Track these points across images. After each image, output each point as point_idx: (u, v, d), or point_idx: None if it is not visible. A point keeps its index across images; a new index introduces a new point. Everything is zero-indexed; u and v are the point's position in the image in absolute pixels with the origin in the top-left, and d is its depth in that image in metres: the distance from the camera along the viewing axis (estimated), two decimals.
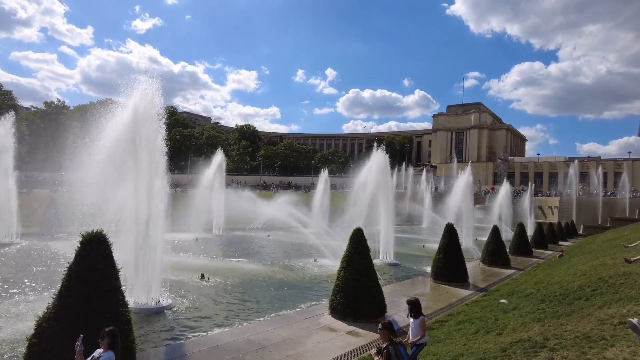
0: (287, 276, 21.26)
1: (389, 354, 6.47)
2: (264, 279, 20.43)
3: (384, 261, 25.43)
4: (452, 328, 12.60)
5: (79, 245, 7.25)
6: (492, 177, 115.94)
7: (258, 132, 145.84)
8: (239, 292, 17.75)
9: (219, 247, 31.55)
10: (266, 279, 20.48)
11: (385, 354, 6.45)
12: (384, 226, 26.27)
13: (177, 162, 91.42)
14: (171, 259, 18.85)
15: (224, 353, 10.39)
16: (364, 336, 12.23)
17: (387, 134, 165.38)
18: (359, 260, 13.73)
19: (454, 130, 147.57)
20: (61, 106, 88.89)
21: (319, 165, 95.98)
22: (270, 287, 19.00)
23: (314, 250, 27.86)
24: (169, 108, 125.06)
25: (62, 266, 8.03)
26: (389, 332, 6.69)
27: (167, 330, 12.64)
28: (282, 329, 12.60)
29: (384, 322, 6.84)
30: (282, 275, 21.55)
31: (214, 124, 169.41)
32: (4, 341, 10.64)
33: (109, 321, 6.85)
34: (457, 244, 20.92)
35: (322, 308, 14.68)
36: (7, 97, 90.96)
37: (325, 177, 51.26)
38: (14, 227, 29.40)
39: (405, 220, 56.76)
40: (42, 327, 6.83)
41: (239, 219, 42.14)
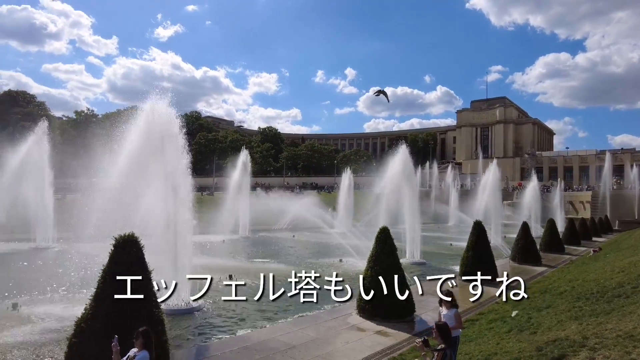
0: (313, 275, 21.22)
1: (445, 354, 6.37)
2: (290, 278, 20.44)
3: (411, 260, 25.14)
4: (483, 327, 12.35)
5: (112, 248, 7.47)
6: (519, 173, 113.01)
7: (280, 134, 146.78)
8: (266, 291, 17.81)
9: (245, 248, 31.93)
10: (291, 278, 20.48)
11: (441, 354, 6.34)
12: (409, 225, 25.98)
13: (203, 165, 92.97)
14: (200, 261, 19.16)
15: (254, 353, 10.48)
16: (393, 336, 12.11)
17: (409, 132, 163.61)
18: (386, 259, 13.61)
19: (479, 126, 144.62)
20: (90, 114, 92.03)
21: (341, 165, 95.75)
22: (297, 285, 18.99)
23: (339, 249, 27.82)
24: (193, 113, 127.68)
25: (96, 268, 8.27)
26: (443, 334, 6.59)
27: (197, 330, 12.88)
28: (310, 328, 12.62)
29: (439, 324, 6.74)
30: (308, 274, 21.54)
31: (237, 127, 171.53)
32: (45, 341, 11.07)
33: (142, 322, 7.00)
34: (486, 241, 20.48)
35: (350, 308, 14.60)
36: (41, 108, 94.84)
37: (349, 177, 51.12)
38: (51, 232, 30.64)
39: (431, 218, 55.97)
40: (80, 327, 7.07)
41: (264, 220, 42.54)
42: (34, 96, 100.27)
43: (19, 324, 12.65)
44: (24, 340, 11.26)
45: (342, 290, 17.53)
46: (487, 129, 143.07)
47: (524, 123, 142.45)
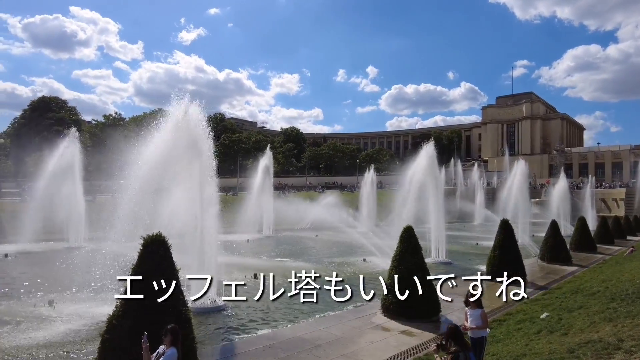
0: (337, 274, 21.23)
1: (457, 356, 6.29)
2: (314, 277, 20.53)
3: (436, 260, 24.82)
4: (511, 327, 12.09)
5: (141, 248, 7.68)
6: (547, 170, 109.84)
7: (302, 134, 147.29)
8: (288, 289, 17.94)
9: (269, 247, 32.22)
10: (316, 277, 20.56)
11: (451, 356, 6.27)
12: (434, 224, 25.65)
13: (227, 166, 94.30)
14: (225, 260, 19.47)
15: (279, 351, 10.58)
16: (418, 336, 12.01)
17: (433, 129, 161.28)
18: (411, 259, 13.49)
19: (505, 122, 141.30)
20: (118, 118, 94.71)
21: (363, 165, 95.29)
22: (320, 285, 19.06)
23: (363, 249, 27.73)
24: (217, 115, 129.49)
25: (126, 267, 8.53)
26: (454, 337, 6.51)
27: (223, 328, 13.09)
28: (335, 327, 12.64)
29: (450, 326, 6.68)
30: (331, 273, 21.55)
31: (260, 128, 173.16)
32: (79, 337, 11.49)
33: (170, 319, 7.17)
34: (514, 240, 20.03)
35: (374, 307, 14.55)
36: (72, 112, 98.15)
37: (371, 176, 50.83)
38: (82, 232, 31.75)
39: (456, 217, 55.08)
40: (112, 324, 7.30)
41: (287, 219, 42.81)
42: (65, 101, 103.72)
43: (55, 319, 13.17)
44: (60, 335, 11.72)
45: (343, 291, 17.62)
46: (513, 125, 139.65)
47: (552, 118, 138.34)
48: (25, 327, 12.51)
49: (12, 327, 12.53)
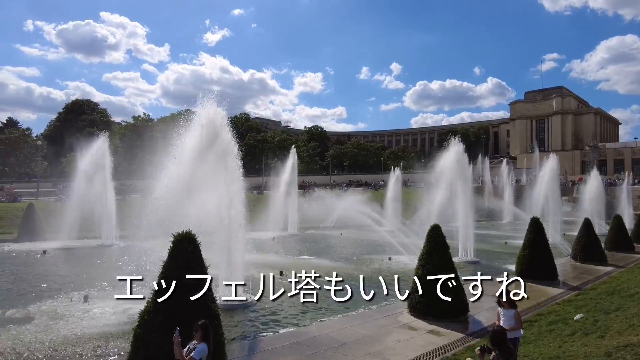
0: (361, 273, 21.17)
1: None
2: (339, 275, 20.53)
3: (463, 259, 24.39)
4: (542, 329, 11.76)
5: (171, 245, 7.86)
6: (579, 167, 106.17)
7: (326, 132, 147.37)
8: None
9: (294, 245, 32.42)
10: (341, 274, 20.52)
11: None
12: (462, 222, 25.17)
13: (252, 165, 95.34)
14: (251, 257, 19.73)
15: (305, 349, 10.63)
16: (446, 335, 11.84)
17: (459, 126, 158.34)
18: (438, 257, 13.32)
19: (534, 117, 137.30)
20: (147, 119, 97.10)
21: (388, 162, 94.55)
22: (346, 283, 19.04)
23: (388, 247, 27.51)
24: (242, 115, 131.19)
25: (156, 264, 8.74)
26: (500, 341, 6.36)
27: (250, 325, 13.26)
28: (361, 326, 12.61)
29: (495, 329, 6.53)
30: (357, 271, 21.51)
31: (284, 127, 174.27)
32: (112, 331, 11.88)
33: (200, 315, 7.31)
34: (544, 239, 19.47)
35: (401, 306, 14.44)
36: (103, 114, 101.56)
37: (397, 174, 50.36)
38: (114, 230, 32.81)
39: (484, 215, 53.96)
40: (144, 319, 7.51)
41: (312, 218, 42.95)
42: (97, 104, 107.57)
43: (90, 314, 13.65)
44: (94, 329, 12.14)
45: (391, 289, 17.42)
46: (543, 120, 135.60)
47: (585, 113, 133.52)
48: (62, 321, 13.01)
49: (49, 321, 13.06)
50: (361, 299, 16.20)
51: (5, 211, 41.31)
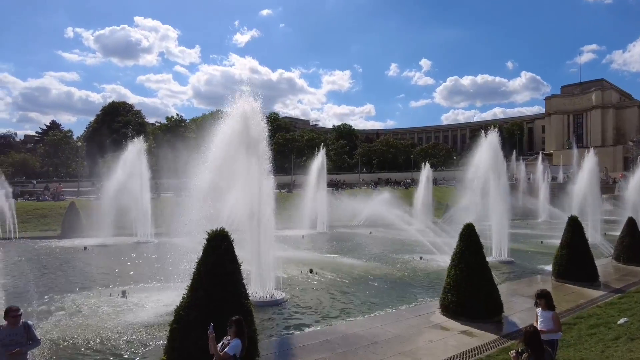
0: (393, 272, 21.07)
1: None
2: (369, 274, 20.52)
3: (497, 259, 23.77)
4: (583, 332, 11.32)
5: (205, 242, 8.05)
6: (621, 163, 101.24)
7: (354, 130, 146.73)
8: (346, 286, 18.09)
9: (324, 244, 32.51)
10: (372, 274, 20.54)
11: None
12: (496, 221, 24.50)
13: (281, 164, 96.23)
14: (282, 255, 19.94)
15: (336, 347, 10.65)
16: (479, 336, 11.58)
17: (492, 122, 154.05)
18: (471, 257, 13.04)
19: (571, 112, 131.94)
20: (179, 120, 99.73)
21: (418, 160, 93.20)
22: (377, 282, 19.03)
23: (419, 246, 27.18)
24: (271, 114, 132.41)
25: (191, 260, 8.97)
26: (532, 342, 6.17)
27: (281, 322, 13.40)
28: (392, 325, 12.51)
29: (527, 329, 6.34)
30: (388, 271, 21.41)
31: (313, 126, 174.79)
32: (149, 326, 12.30)
33: (233, 311, 7.46)
34: (584, 238, 18.68)
35: (433, 306, 14.25)
36: (138, 116, 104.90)
37: (427, 172, 49.60)
38: (149, 228, 33.94)
39: (518, 214, 52.39)
40: (179, 315, 7.72)
41: (341, 216, 42.93)
42: (132, 105, 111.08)
43: (128, 309, 14.17)
44: (133, 324, 12.58)
45: (422, 288, 17.21)
46: (581, 115, 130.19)
47: (627, 107, 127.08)
48: (101, 315, 13.57)
49: (89, 314, 13.65)
50: (391, 298, 16.25)
51: (50, 209, 43.45)
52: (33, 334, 7.03)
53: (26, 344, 6.91)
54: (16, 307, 7.09)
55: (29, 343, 6.97)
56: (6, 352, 6.65)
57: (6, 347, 6.69)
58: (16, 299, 14.77)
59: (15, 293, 16.24)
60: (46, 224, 40.00)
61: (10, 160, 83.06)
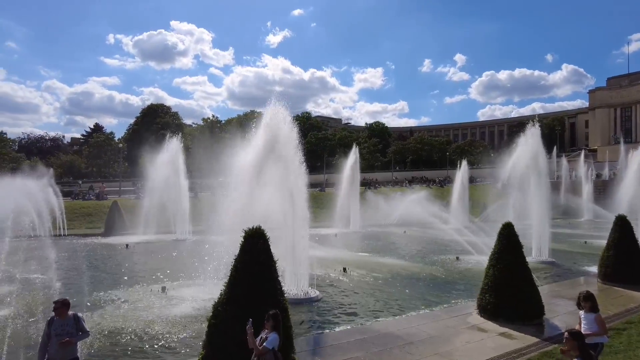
0: (428, 272, 20.76)
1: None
2: (404, 274, 20.32)
3: (538, 259, 22.95)
4: (633, 338, 10.76)
5: (242, 240, 8.23)
6: None
7: (387, 128, 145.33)
8: (380, 286, 17.99)
9: (357, 242, 32.42)
10: (406, 274, 20.33)
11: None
12: (536, 220, 23.65)
13: (314, 163, 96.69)
14: (315, 253, 20.04)
15: (371, 345, 10.62)
16: (519, 339, 11.22)
17: (531, 117, 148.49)
18: (510, 257, 12.66)
19: (618, 105, 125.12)
20: (215, 121, 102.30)
21: (454, 158, 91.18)
22: (411, 282, 18.82)
23: (455, 246, 26.64)
24: (304, 114, 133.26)
25: (228, 257, 9.19)
26: (579, 342, 5.88)
27: (315, 320, 13.49)
28: (428, 325, 12.34)
29: (571, 331, 6.07)
30: (422, 271, 21.12)
31: (345, 124, 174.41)
32: (189, 321, 12.71)
33: (270, 307, 7.59)
34: (633, 238, 17.71)
35: (470, 307, 13.95)
36: (175, 117, 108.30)
37: (463, 170, 48.49)
38: (187, 226, 35.04)
39: (560, 213, 50.33)
40: (217, 310, 7.93)
41: (374, 215, 42.68)
42: (169, 107, 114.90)
43: (168, 305, 14.69)
44: (172, 319, 13.04)
45: (459, 289, 16.89)
46: (629, 109, 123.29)
47: None
48: (143, 309, 14.12)
49: (132, 309, 14.24)
50: (426, 298, 16.02)
51: (94, 208, 45.65)
52: (82, 325, 7.41)
53: (76, 334, 7.30)
54: (66, 299, 7.50)
55: (79, 334, 7.36)
56: (57, 342, 7.06)
57: (58, 337, 7.10)
58: (65, 292, 15.60)
59: (65, 286, 17.14)
60: (91, 222, 42.06)
61: (59, 161, 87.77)
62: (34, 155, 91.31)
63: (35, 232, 22.92)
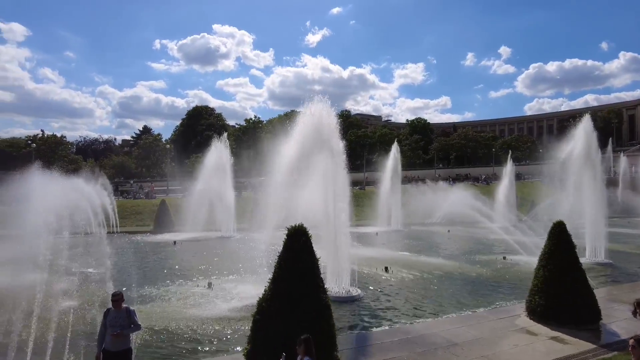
0: (473, 272, 20.17)
1: None
2: (447, 273, 19.86)
3: (592, 260, 21.71)
4: None
5: (285, 237, 8.37)
6: None
7: (429, 124, 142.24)
8: (423, 285, 17.68)
9: (398, 241, 32.02)
10: (449, 274, 19.85)
11: None
12: (590, 219, 22.35)
13: (354, 161, 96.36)
14: (356, 251, 19.98)
15: (415, 346, 10.47)
16: (573, 344, 10.66)
17: (584, 110, 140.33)
18: (562, 257, 12.05)
19: None
20: (257, 121, 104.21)
21: (500, 154, 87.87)
22: (455, 282, 18.36)
23: (502, 245, 25.71)
24: (343, 112, 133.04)
25: (268, 254, 9.36)
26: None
27: (356, 318, 13.48)
28: (473, 327, 11.99)
29: (638, 338, 5.68)
30: (467, 271, 20.53)
31: (385, 122, 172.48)
32: (234, 316, 13.07)
33: (313, 304, 7.67)
34: None
35: (518, 309, 13.42)
36: (219, 118, 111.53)
37: (510, 166, 46.66)
38: (232, 224, 36.04)
39: (617, 212, 47.27)
40: (262, 306, 8.11)
41: (416, 213, 41.96)
42: (213, 109, 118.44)
43: (214, 300, 15.17)
44: (218, 314, 13.46)
45: (505, 290, 16.28)
46: None
47: None
48: (190, 305, 14.67)
49: (180, 303, 14.83)
50: (471, 299, 15.56)
51: (144, 207, 47.88)
52: (134, 318, 7.81)
53: (128, 327, 7.70)
54: (120, 292, 7.94)
55: (131, 327, 7.76)
56: (110, 333, 7.48)
57: (112, 328, 7.53)
58: (117, 286, 16.47)
59: (117, 281, 18.10)
60: (141, 220, 44.16)
61: (112, 162, 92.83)
62: (89, 157, 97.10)
63: (90, 229, 24.36)
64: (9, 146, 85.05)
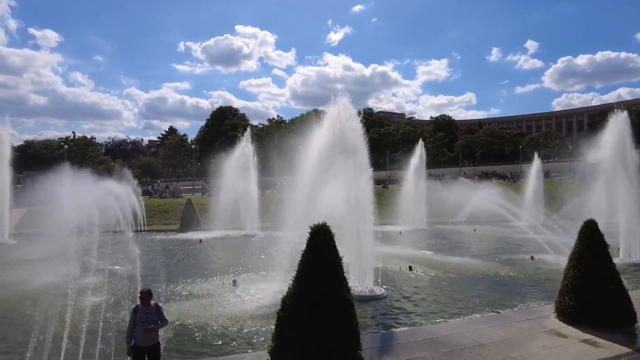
0: (500, 272, 19.74)
1: None
2: (473, 273, 19.51)
3: (626, 260, 20.92)
4: None
5: (309, 235, 8.38)
6: None
7: (454, 121, 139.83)
8: (448, 285, 17.44)
9: (422, 240, 31.67)
10: (475, 273, 19.50)
11: None
12: (624, 217, 21.53)
13: (376, 159, 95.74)
14: (380, 250, 19.89)
15: (440, 346, 10.34)
16: (606, 347, 10.30)
17: (617, 105, 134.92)
18: (594, 257, 11.65)
19: None
20: (280, 121, 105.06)
21: (527, 151, 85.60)
22: (481, 282, 18.03)
23: (529, 245, 25.07)
24: (366, 110, 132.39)
25: (292, 252, 9.41)
26: None
27: (380, 317, 13.42)
28: (500, 328, 11.75)
29: None
30: (494, 270, 20.12)
31: (408, 119, 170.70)
32: (258, 313, 13.23)
33: (336, 303, 7.66)
34: None
35: (547, 310, 13.06)
36: (242, 119, 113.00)
37: (538, 164, 45.43)
38: (256, 222, 36.47)
39: None
40: (285, 304, 8.15)
41: (441, 212, 41.41)
42: (237, 109, 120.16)
43: (238, 297, 15.40)
44: (243, 311, 13.65)
45: (534, 291, 15.85)
46: None
47: None
48: (216, 301, 14.93)
49: (205, 300, 15.11)
50: (498, 300, 15.25)
51: (170, 205, 48.96)
52: (162, 314, 8.05)
53: (157, 322, 7.92)
54: (148, 289, 8.17)
55: (159, 322, 7.98)
56: (143, 328, 7.73)
57: (142, 324, 7.78)
58: (145, 284, 16.91)
59: (144, 278, 18.57)
60: (167, 219, 45.18)
61: (139, 162, 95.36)
62: (118, 158, 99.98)
63: (120, 228, 25.09)
64: (44, 148, 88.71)
